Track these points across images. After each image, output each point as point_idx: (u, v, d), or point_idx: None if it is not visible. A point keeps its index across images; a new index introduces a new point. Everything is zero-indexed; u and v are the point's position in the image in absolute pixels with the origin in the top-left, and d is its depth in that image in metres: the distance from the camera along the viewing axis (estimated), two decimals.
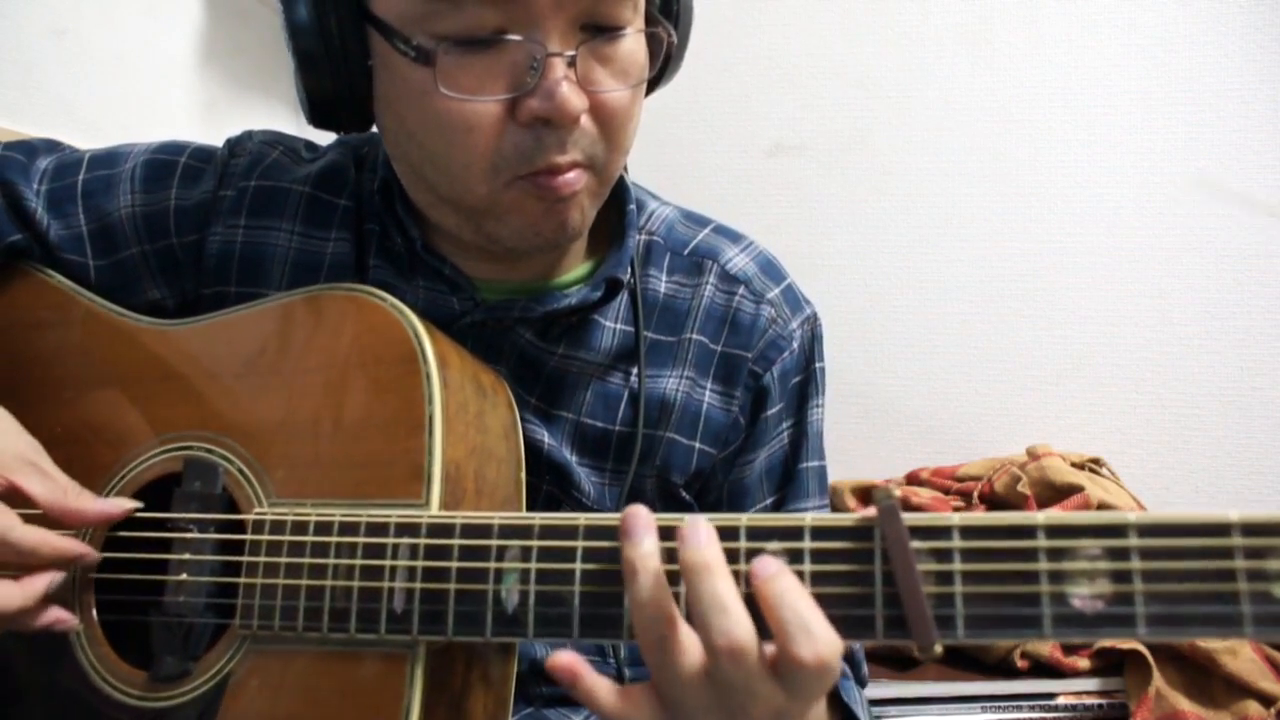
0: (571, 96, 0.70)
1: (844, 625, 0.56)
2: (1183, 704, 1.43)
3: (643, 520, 0.60)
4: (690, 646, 0.57)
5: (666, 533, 0.60)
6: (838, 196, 1.99)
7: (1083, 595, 0.52)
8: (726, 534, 0.59)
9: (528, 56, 0.70)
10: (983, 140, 1.92)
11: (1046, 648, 1.52)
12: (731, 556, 0.59)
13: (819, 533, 0.58)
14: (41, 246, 0.89)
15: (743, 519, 0.60)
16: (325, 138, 0.96)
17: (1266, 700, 1.41)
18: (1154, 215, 1.86)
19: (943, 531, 0.55)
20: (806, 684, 0.56)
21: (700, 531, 0.59)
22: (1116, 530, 0.52)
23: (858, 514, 0.57)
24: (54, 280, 0.88)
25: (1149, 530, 0.52)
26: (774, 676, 0.56)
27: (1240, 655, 1.43)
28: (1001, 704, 1.51)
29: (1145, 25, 1.85)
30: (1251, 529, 0.50)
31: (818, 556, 0.57)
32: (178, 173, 0.90)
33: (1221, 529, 0.51)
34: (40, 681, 0.77)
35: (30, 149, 0.93)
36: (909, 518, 0.55)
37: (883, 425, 1.97)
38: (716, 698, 0.57)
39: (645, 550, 0.59)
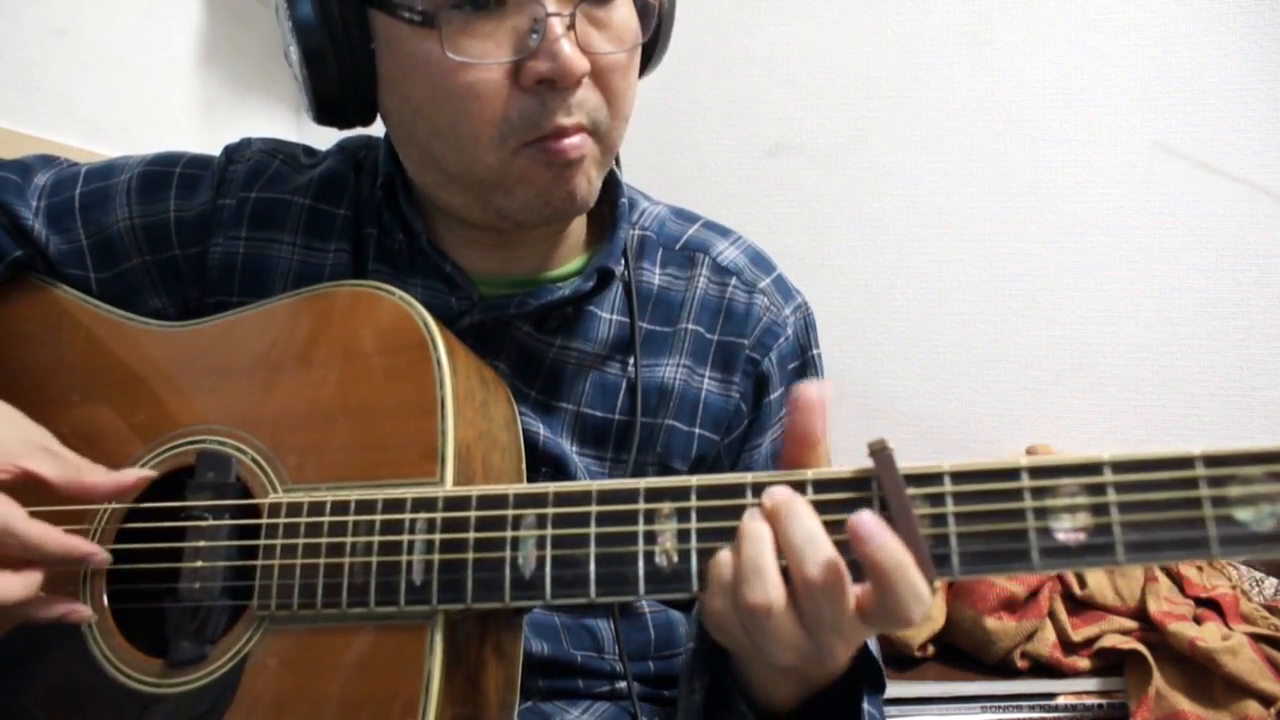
0: (574, 54, 0.72)
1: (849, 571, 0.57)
2: (1183, 704, 1.43)
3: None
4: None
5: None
6: (838, 196, 1.99)
7: (1066, 529, 0.56)
8: (732, 491, 0.61)
9: (528, 19, 0.72)
10: (983, 140, 1.93)
11: (1046, 648, 1.52)
12: (736, 513, 0.60)
13: (820, 485, 0.60)
14: (44, 261, 0.90)
15: (748, 477, 0.61)
16: (325, 142, 0.97)
17: (1266, 700, 1.41)
18: (1154, 215, 1.86)
19: (935, 478, 0.58)
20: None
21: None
22: (1092, 468, 0.56)
23: (855, 466, 0.60)
24: (59, 290, 0.89)
25: (1122, 467, 0.56)
26: (802, 623, 0.58)
27: (1240, 655, 1.43)
28: (1001, 704, 1.51)
29: (1145, 25, 1.85)
30: (1213, 460, 0.54)
31: (821, 508, 0.59)
32: (174, 183, 0.91)
33: (1186, 462, 0.55)
34: (53, 675, 0.76)
35: (25, 167, 0.94)
36: (903, 466, 0.58)
37: (883, 425, 1.96)
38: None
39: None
